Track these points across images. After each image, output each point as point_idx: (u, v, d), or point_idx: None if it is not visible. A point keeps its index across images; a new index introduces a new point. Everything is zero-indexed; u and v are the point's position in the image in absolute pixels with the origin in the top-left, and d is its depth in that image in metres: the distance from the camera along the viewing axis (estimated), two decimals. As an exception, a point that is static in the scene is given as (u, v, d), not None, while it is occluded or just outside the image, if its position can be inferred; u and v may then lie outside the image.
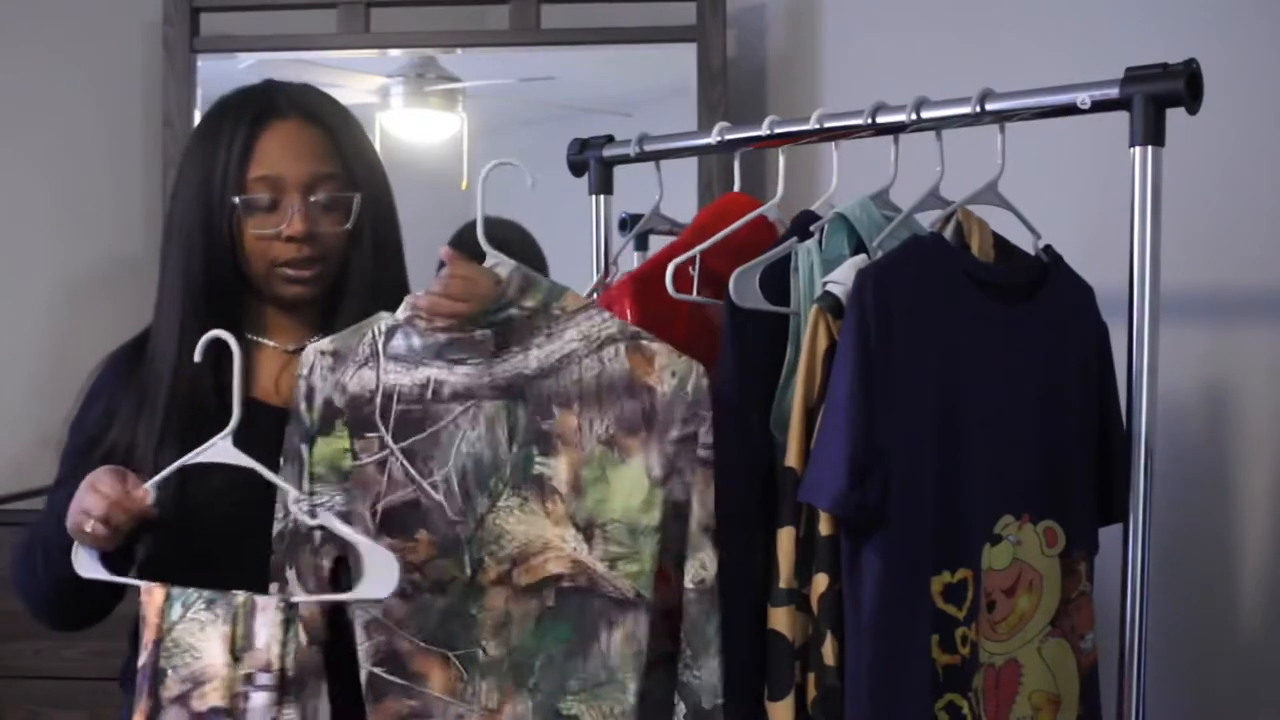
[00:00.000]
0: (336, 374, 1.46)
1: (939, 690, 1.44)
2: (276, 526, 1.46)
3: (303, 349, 1.52)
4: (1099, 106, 1.46)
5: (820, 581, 1.43)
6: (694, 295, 1.57)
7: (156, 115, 2.73)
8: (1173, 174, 1.44)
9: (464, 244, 2.83)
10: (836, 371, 1.42)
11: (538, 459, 1.46)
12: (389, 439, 1.45)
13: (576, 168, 2.02)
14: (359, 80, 2.79)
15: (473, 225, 1.50)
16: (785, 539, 1.46)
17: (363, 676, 1.44)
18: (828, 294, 1.46)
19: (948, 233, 1.53)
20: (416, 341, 1.47)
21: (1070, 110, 1.48)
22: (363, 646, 1.44)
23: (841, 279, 1.46)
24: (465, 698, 1.45)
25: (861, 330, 1.40)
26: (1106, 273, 1.54)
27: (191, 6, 2.69)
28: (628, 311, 1.61)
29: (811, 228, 1.56)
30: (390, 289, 1.58)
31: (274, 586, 1.45)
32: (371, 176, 1.61)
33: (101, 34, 2.81)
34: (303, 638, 1.38)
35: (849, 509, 1.39)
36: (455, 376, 1.46)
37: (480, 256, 1.53)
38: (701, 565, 1.45)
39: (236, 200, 1.54)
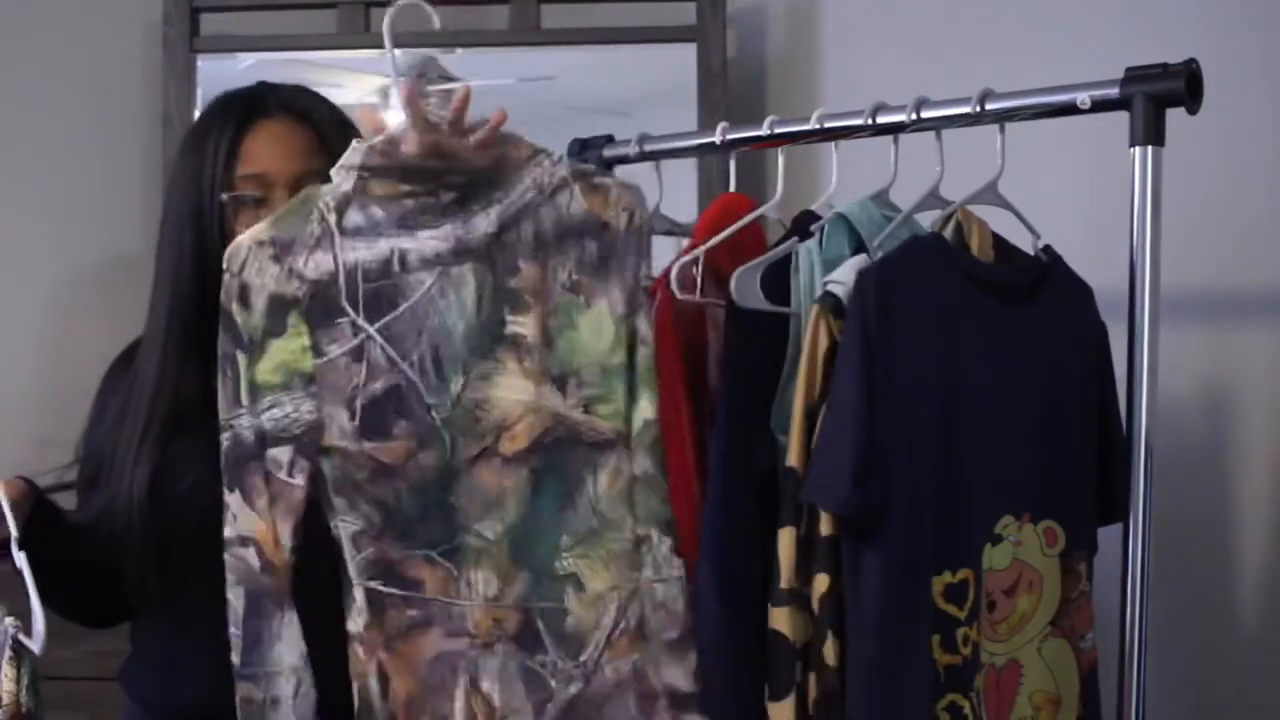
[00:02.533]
0: (284, 262, 1.30)
1: (940, 690, 1.44)
2: (223, 444, 1.32)
3: None
4: (1099, 106, 1.46)
5: (821, 582, 1.43)
6: (698, 296, 1.58)
7: (156, 115, 2.72)
8: (1173, 174, 1.44)
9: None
10: (839, 372, 1.42)
11: (509, 319, 1.37)
12: (362, 321, 1.32)
13: (576, 168, 2.02)
14: (359, 80, 2.79)
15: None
16: (786, 539, 1.46)
17: (359, 594, 1.34)
18: (829, 294, 1.46)
19: (948, 233, 1.53)
20: (377, 210, 1.34)
21: (1070, 110, 1.48)
22: (354, 561, 1.34)
23: (842, 279, 1.46)
24: (461, 594, 1.36)
25: (863, 330, 1.40)
26: (1106, 273, 1.54)
27: (191, 6, 2.68)
28: (666, 313, 1.61)
29: (812, 228, 1.56)
30: None
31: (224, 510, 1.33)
32: None
33: (101, 34, 2.80)
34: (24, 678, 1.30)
35: (853, 509, 1.39)
36: (419, 243, 1.34)
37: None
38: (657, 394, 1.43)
39: (225, 198, 1.54)
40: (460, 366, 1.36)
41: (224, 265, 1.32)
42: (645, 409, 1.41)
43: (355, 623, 1.34)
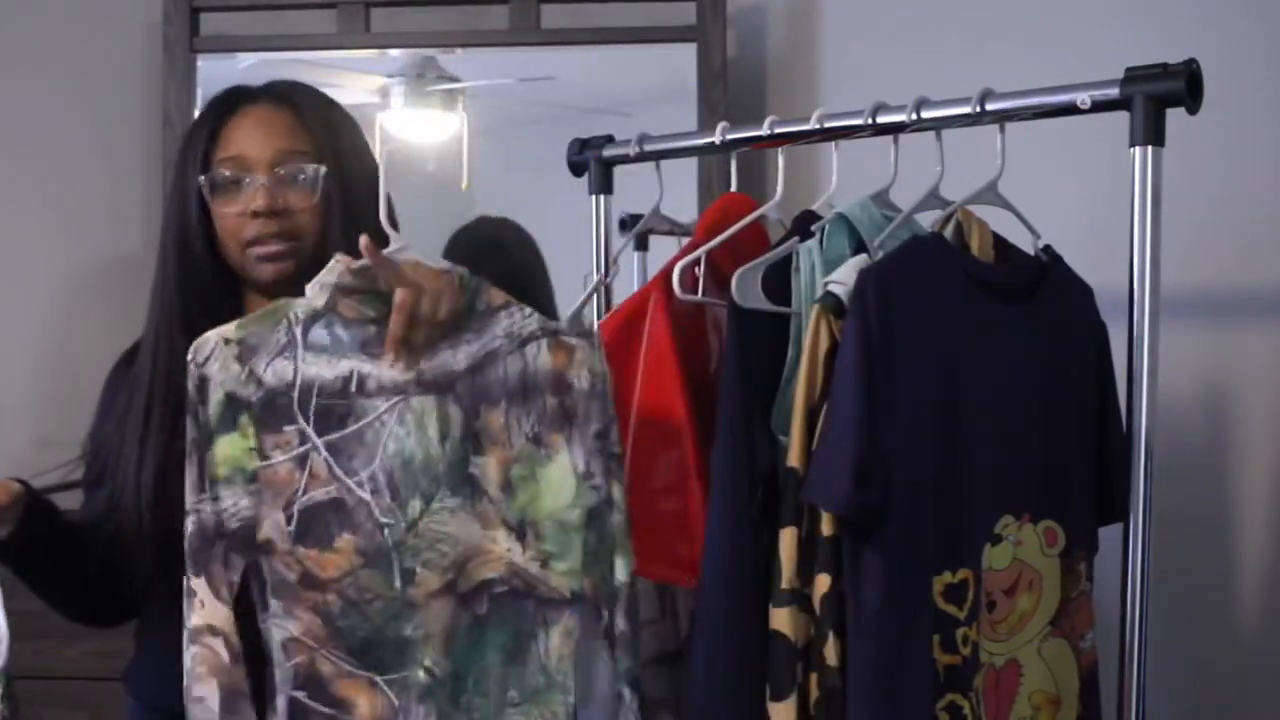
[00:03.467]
0: (246, 364, 1.34)
1: (940, 690, 1.44)
2: (186, 535, 1.34)
3: None
4: (1099, 106, 1.46)
5: (822, 582, 1.43)
6: (699, 295, 1.58)
7: (156, 115, 2.72)
8: (1173, 174, 1.44)
9: (465, 242, 2.84)
10: (839, 372, 1.42)
11: (473, 459, 1.40)
12: (310, 432, 1.35)
13: (576, 168, 2.02)
14: (359, 80, 2.79)
15: (473, 225, 1.44)
16: (787, 539, 1.46)
17: (281, 702, 1.33)
18: (829, 294, 1.46)
19: (948, 233, 1.53)
20: (341, 332, 1.37)
21: (1070, 110, 1.48)
22: (281, 668, 1.33)
23: (843, 279, 1.46)
24: None
25: (864, 330, 1.40)
26: (1106, 273, 1.54)
27: (191, 6, 2.69)
28: (662, 311, 1.63)
29: (812, 228, 1.56)
30: None
31: (186, 597, 1.34)
32: (341, 152, 1.61)
33: (101, 34, 2.81)
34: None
35: (853, 509, 1.39)
36: (378, 369, 1.37)
37: (475, 255, 1.52)
38: (631, 556, 1.44)
39: (201, 180, 1.55)
40: (420, 494, 1.37)
41: (190, 355, 1.35)
42: (620, 571, 1.43)
43: None
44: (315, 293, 1.38)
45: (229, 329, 1.36)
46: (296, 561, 1.33)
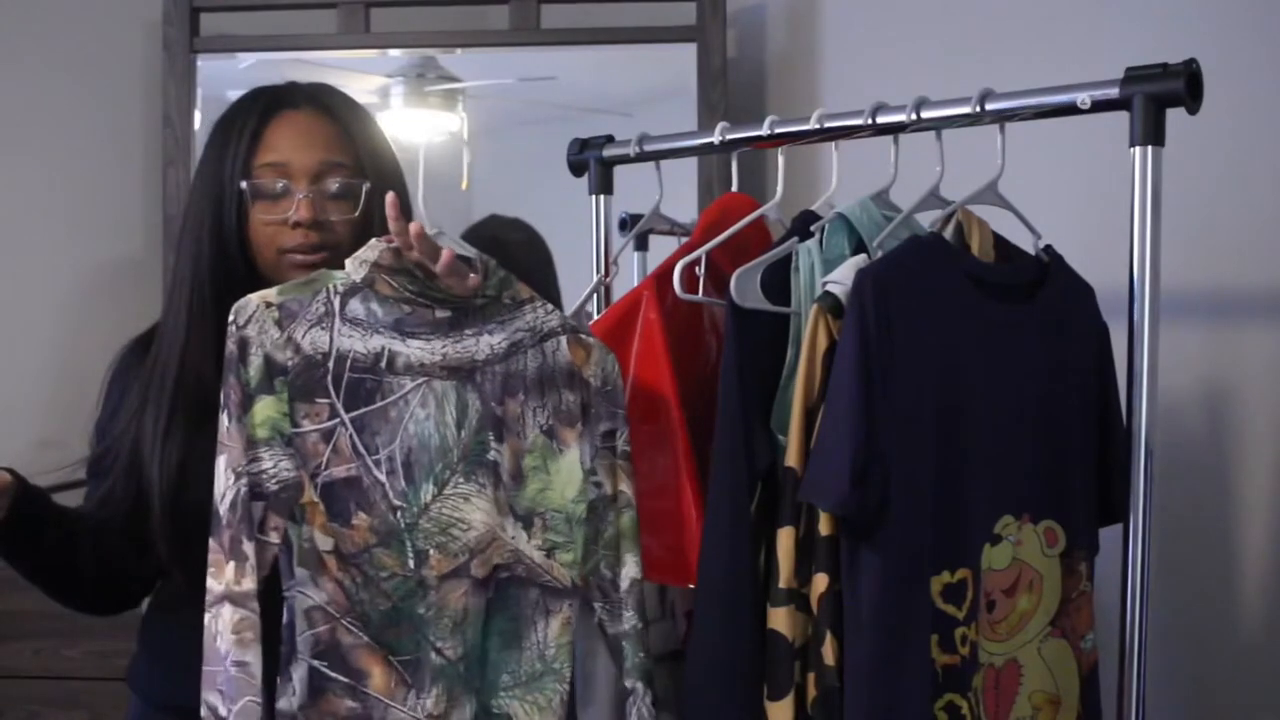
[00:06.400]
0: (285, 330, 1.34)
1: (938, 690, 1.44)
2: (228, 496, 1.30)
3: None
4: (1099, 106, 1.46)
5: (820, 581, 1.43)
6: (699, 295, 1.58)
7: (156, 115, 2.73)
8: (1173, 174, 1.44)
9: (469, 241, 2.85)
10: (836, 371, 1.42)
11: (492, 444, 1.42)
12: (340, 408, 1.35)
13: (576, 168, 2.02)
14: (359, 80, 2.79)
15: (479, 225, 1.45)
16: (785, 539, 1.46)
17: (299, 671, 1.32)
18: (828, 294, 1.46)
19: (948, 233, 1.53)
20: (377, 308, 1.39)
21: (1070, 110, 1.48)
22: (302, 636, 1.32)
23: (841, 279, 1.46)
24: (407, 704, 1.36)
25: (861, 330, 1.40)
26: (1106, 273, 1.54)
27: (191, 6, 2.69)
28: (654, 312, 1.63)
29: (812, 228, 1.56)
30: None
31: (236, 561, 1.29)
32: (383, 169, 1.62)
33: (101, 34, 2.81)
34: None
35: (850, 509, 1.39)
36: (409, 349, 1.39)
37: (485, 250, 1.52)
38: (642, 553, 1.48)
39: (243, 185, 1.55)
40: (433, 478, 1.38)
41: (230, 317, 1.34)
42: (631, 569, 1.48)
43: (289, 701, 1.32)
44: (354, 267, 1.39)
45: (270, 293, 1.36)
46: (333, 532, 1.33)
